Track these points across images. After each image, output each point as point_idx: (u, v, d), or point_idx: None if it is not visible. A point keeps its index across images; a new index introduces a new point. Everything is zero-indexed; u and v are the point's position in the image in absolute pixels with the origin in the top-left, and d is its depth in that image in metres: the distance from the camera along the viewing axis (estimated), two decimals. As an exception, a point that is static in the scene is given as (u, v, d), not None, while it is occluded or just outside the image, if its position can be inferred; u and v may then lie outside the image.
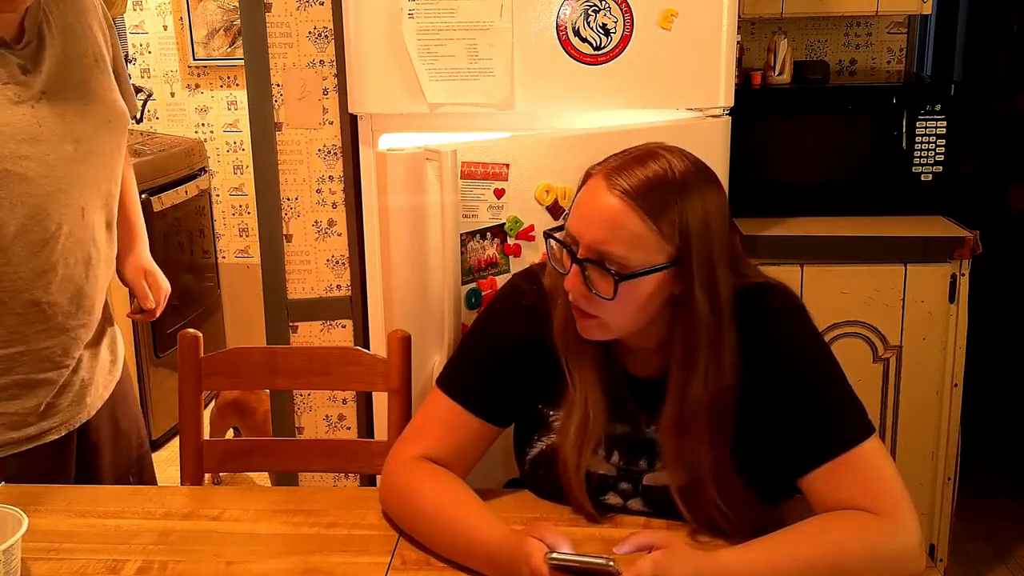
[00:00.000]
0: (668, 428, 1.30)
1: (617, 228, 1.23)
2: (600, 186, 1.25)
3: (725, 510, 1.27)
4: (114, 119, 1.72)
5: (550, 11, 1.93)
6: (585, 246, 1.25)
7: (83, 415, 1.73)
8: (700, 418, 1.27)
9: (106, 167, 1.72)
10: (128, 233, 1.91)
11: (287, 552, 1.31)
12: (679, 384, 1.28)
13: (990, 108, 3.34)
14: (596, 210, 1.25)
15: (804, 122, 2.56)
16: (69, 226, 1.63)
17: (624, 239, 1.23)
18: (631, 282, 1.24)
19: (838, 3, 2.59)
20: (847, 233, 2.40)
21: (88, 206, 1.67)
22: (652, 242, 1.23)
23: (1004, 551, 2.84)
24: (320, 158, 2.33)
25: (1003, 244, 3.01)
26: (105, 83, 1.72)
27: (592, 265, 1.25)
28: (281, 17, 2.25)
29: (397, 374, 1.67)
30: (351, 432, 2.46)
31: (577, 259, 1.26)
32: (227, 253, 4.26)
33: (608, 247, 1.23)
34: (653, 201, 1.22)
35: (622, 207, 1.23)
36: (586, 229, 1.26)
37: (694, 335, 1.26)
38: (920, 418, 2.43)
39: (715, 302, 1.25)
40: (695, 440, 1.27)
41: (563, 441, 1.35)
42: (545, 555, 1.13)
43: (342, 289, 2.39)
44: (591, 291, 1.25)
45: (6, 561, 1.15)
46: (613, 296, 1.24)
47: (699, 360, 1.26)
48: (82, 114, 1.65)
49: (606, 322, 1.29)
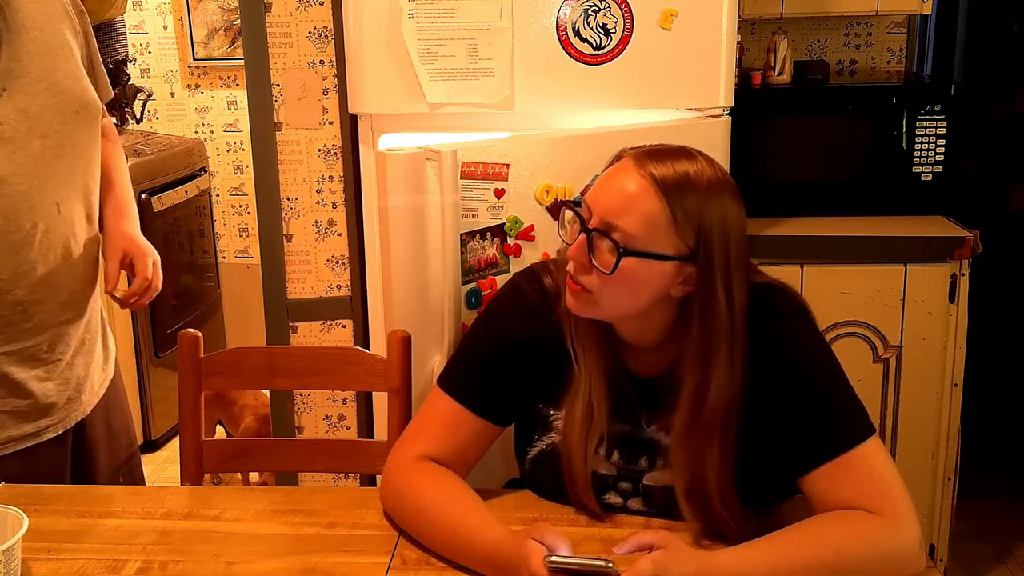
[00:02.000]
0: (681, 434, 1.29)
1: (633, 202, 1.24)
2: (628, 165, 1.27)
3: (725, 511, 1.27)
4: (83, 109, 1.66)
5: (550, 11, 1.93)
6: (598, 216, 1.26)
7: (79, 413, 1.72)
8: (713, 423, 1.27)
9: (80, 158, 1.66)
10: (109, 206, 1.80)
11: (287, 552, 1.31)
12: (695, 391, 1.27)
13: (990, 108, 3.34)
14: (617, 183, 1.27)
15: (804, 122, 2.56)
16: (45, 223, 1.60)
17: (637, 215, 1.24)
18: (632, 261, 1.24)
19: (838, 3, 2.59)
20: (847, 233, 2.40)
21: (64, 201, 1.63)
22: (664, 227, 1.24)
23: (1004, 551, 2.84)
24: (320, 158, 2.33)
25: (1003, 244, 3.02)
26: (72, 72, 1.65)
27: (600, 236, 1.26)
28: (281, 17, 2.25)
29: (397, 374, 1.67)
30: (351, 432, 2.46)
31: (587, 228, 1.27)
32: (227, 253, 4.26)
33: (620, 220, 1.24)
34: (676, 191, 1.24)
35: (644, 185, 1.24)
36: (603, 199, 1.27)
37: (714, 340, 1.26)
38: (920, 418, 2.43)
39: (732, 309, 1.25)
40: (706, 444, 1.27)
41: (568, 431, 1.35)
42: (544, 557, 1.13)
43: (342, 289, 2.39)
44: (591, 262, 1.26)
45: (6, 561, 1.15)
46: (612, 270, 1.24)
47: (717, 366, 1.26)
48: (48, 107, 1.59)
49: (596, 299, 1.29)
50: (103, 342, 1.81)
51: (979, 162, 3.26)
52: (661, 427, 1.35)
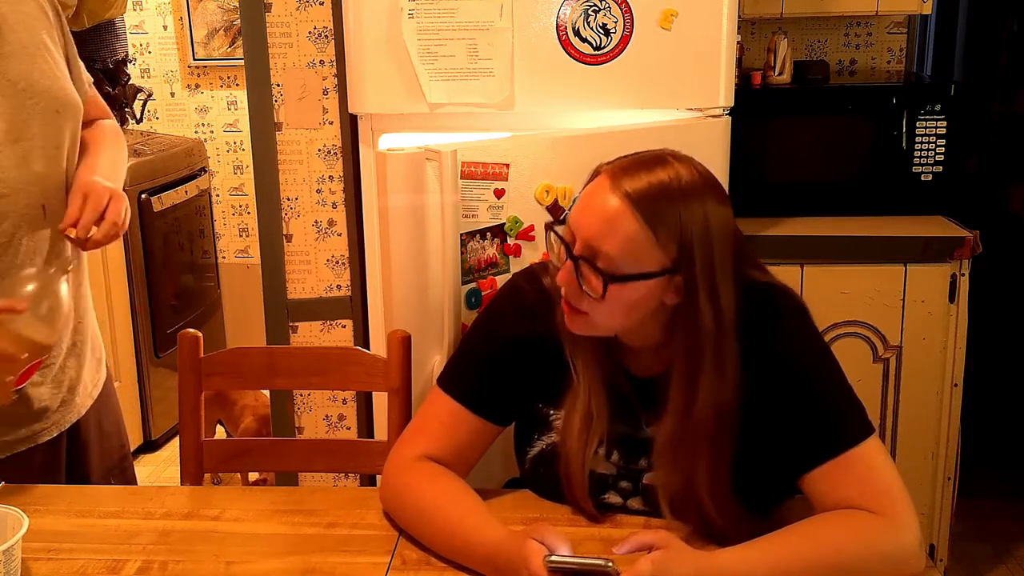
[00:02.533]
0: (667, 438, 1.30)
1: (613, 227, 1.23)
2: (604, 184, 1.26)
3: (717, 515, 1.27)
4: (63, 109, 1.61)
5: (550, 11, 1.93)
6: (581, 241, 1.26)
7: (73, 415, 1.71)
8: (703, 429, 1.26)
9: (64, 159, 1.61)
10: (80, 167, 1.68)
11: (287, 552, 1.31)
12: (683, 396, 1.27)
13: (990, 108, 3.34)
14: (595, 207, 1.25)
15: (804, 122, 2.56)
16: (29, 226, 1.56)
17: (618, 239, 1.23)
18: (620, 285, 1.24)
19: (838, 3, 2.59)
20: (847, 233, 2.40)
21: (49, 202, 1.58)
22: (646, 248, 1.23)
23: (1004, 551, 2.84)
24: (320, 158, 2.33)
25: (1003, 244, 3.02)
26: (49, 72, 1.59)
27: (585, 263, 1.25)
28: (281, 17, 2.25)
29: (397, 374, 1.67)
30: (351, 432, 2.46)
31: (572, 255, 1.27)
32: (227, 253, 4.26)
33: (601, 245, 1.24)
34: (653, 207, 1.23)
35: (621, 207, 1.23)
36: (583, 224, 1.26)
37: (698, 347, 1.26)
38: (920, 418, 2.43)
39: (718, 314, 1.25)
40: (695, 449, 1.27)
41: (566, 437, 1.35)
42: (544, 557, 1.13)
43: (342, 289, 2.39)
44: (581, 288, 1.26)
45: (6, 561, 1.15)
46: (602, 296, 1.24)
47: (703, 372, 1.26)
48: (24, 108, 1.54)
49: (593, 320, 1.29)
50: (93, 343, 1.79)
51: (979, 162, 3.26)
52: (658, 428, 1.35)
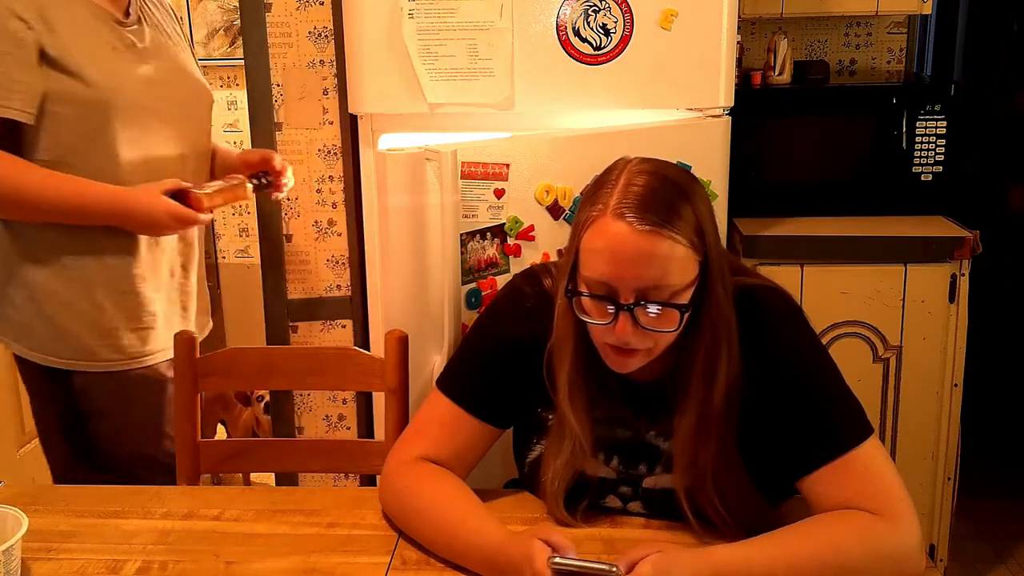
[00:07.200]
0: (687, 436, 1.29)
1: (667, 262, 1.19)
2: (626, 231, 1.18)
3: (723, 512, 1.27)
4: (203, 92, 1.96)
5: (550, 11, 1.93)
6: (630, 291, 1.20)
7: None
8: (717, 421, 1.26)
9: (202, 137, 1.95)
10: None
11: (287, 552, 1.31)
12: (704, 390, 1.26)
13: (990, 108, 3.34)
14: (631, 253, 1.19)
15: (804, 122, 2.56)
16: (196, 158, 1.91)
17: (676, 269, 1.20)
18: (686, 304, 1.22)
19: (838, 3, 2.59)
20: (847, 233, 2.40)
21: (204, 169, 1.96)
22: (691, 258, 1.22)
23: (1004, 551, 2.84)
24: (320, 158, 2.33)
25: (1003, 244, 3.02)
26: (191, 61, 1.94)
27: (643, 307, 1.21)
28: (281, 17, 2.25)
29: (394, 374, 1.67)
30: (351, 432, 2.46)
31: (625, 306, 1.21)
32: (227, 253, 4.25)
33: (663, 282, 1.20)
34: (672, 215, 1.19)
35: (657, 239, 1.18)
36: (629, 276, 1.19)
37: (717, 334, 1.25)
38: (920, 418, 2.43)
39: (728, 300, 1.25)
40: (709, 444, 1.27)
41: (546, 469, 1.34)
42: (548, 558, 1.13)
43: (342, 289, 2.39)
44: (650, 330, 1.22)
45: (6, 561, 1.15)
46: (679, 327, 1.22)
47: (720, 360, 1.25)
48: (178, 86, 1.87)
49: (656, 350, 1.26)
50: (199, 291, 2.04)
51: (979, 162, 3.26)
52: (660, 432, 1.35)
